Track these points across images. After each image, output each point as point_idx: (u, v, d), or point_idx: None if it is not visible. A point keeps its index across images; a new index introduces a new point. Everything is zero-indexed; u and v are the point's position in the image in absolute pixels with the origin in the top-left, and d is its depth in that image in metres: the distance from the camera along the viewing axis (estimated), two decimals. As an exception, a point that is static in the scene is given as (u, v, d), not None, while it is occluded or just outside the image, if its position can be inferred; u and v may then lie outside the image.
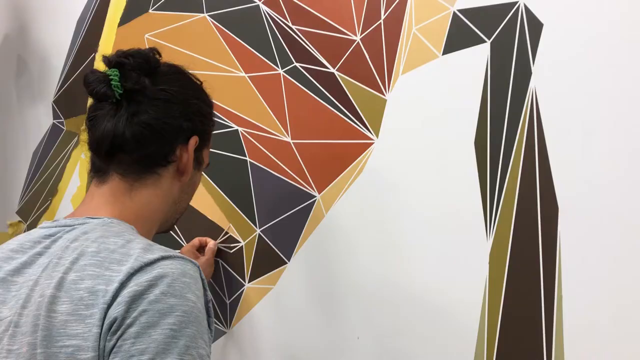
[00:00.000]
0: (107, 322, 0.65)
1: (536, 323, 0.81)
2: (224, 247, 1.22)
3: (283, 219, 1.12)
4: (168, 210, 0.84)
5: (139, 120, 0.78)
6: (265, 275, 1.15)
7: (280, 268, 1.13)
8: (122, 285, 0.66)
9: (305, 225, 1.09)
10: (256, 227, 1.16)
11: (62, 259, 0.71)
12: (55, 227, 0.77)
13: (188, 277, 0.69)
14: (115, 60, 0.79)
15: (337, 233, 1.05)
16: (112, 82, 0.77)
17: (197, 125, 0.84)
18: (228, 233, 1.21)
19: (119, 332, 0.65)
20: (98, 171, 0.81)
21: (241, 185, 1.19)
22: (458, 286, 0.89)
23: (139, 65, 0.79)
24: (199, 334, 0.67)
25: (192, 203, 1.27)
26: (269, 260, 1.14)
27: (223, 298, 1.22)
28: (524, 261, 0.83)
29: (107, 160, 0.80)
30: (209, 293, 0.73)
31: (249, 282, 1.18)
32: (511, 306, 0.84)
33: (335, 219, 1.05)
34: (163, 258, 0.69)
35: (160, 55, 0.84)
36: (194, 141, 0.83)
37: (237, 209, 1.20)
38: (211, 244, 1.20)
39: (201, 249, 1.21)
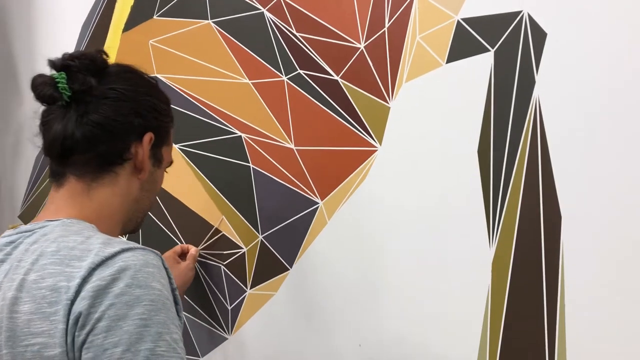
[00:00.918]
0: (72, 317, 0.66)
1: (539, 331, 0.81)
2: (215, 254, 1.22)
3: (285, 225, 1.13)
4: (130, 208, 0.85)
5: (88, 120, 0.79)
6: (267, 282, 1.15)
7: (282, 274, 1.13)
8: (84, 280, 0.67)
9: (308, 232, 1.09)
10: (258, 233, 1.16)
11: (22, 261, 0.72)
12: (17, 233, 0.78)
13: (151, 267, 0.70)
14: (61, 64, 0.80)
15: (339, 240, 1.05)
16: (59, 85, 0.78)
17: (150, 122, 0.84)
18: (221, 232, 1.21)
19: (87, 327, 0.65)
20: (55, 175, 0.82)
21: (244, 191, 1.19)
22: (461, 293, 0.89)
23: (85, 67, 0.80)
24: (169, 320, 0.68)
25: (193, 208, 1.29)
26: (271, 266, 1.14)
27: (225, 304, 1.22)
28: (526, 269, 0.83)
29: (62, 163, 0.81)
30: (173, 282, 0.73)
31: (250, 288, 1.18)
32: (514, 313, 0.84)
33: (337, 226, 1.05)
34: (124, 250, 0.70)
35: (107, 56, 0.85)
36: (148, 137, 0.84)
37: (239, 214, 1.20)
38: (192, 250, 1.21)
39: (183, 255, 1.22)
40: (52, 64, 0.81)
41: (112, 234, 0.81)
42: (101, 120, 0.79)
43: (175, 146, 1.31)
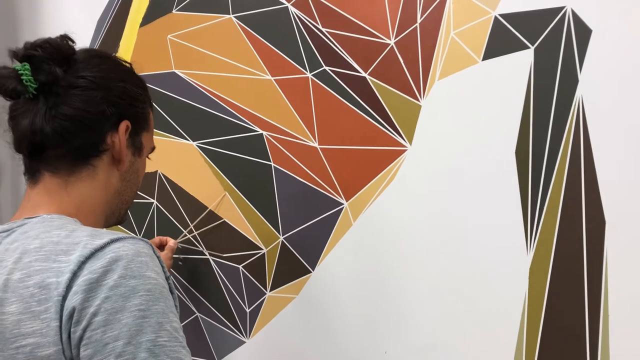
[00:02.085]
0: (65, 313, 0.63)
1: (579, 342, 0.77)
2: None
3: (308, 226, 1.09)
4: (111, 201, 0.81)
5: (57, 113, 0.74)
6: (288, 284, 1.12)
7: (304, 277, 1.09)
8: (75, 274, 0.64)
9: (332, 234, 1.05)
10: (279, 234, 1.13)
11: (3, 261, 0.69)
12: None
13: (143, 256, 0.67)
14: (23, 54, 0.75)
15: (365, 243, 1.01)
16: (24, 78, 0.73)
17: (125, 109, 0.79)
18: (221, 219, 1.17)
19: (83, 322, 0.62)
20: (29, 172, 0.78)
21: (264, 190, 1.16)
22: (495, 301, 0.85)
23: (50, 56, 0.75)
24: (168, 309, 0.65)
25: (213, 207, 1.25)
26: (292, 268, 1.11)
27: (243, 306, 1.19)
28: (566, 277, 0.79)
29: (34, 159, 0.77)
30: (166, 270, 0.70)
31: (270, 290, 1.14)
32: (552, 323, 0.80)
33: (363, 228, 1.01)
34: (113, 241, 0.66)
35: (73, 42, 0.79)
36: (124, 126, 0.79)
37: (259, 214, 1.17)
38: (171, 242, 1.19)
39: (162, 247, 1.19)
40: (14, 54, 0.75)
41: (95, 226, 0.77)
42: (71, 112, 0.75)
43: (194, 144, 1.28)
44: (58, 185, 0.76)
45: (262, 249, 1.16)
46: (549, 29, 0.82)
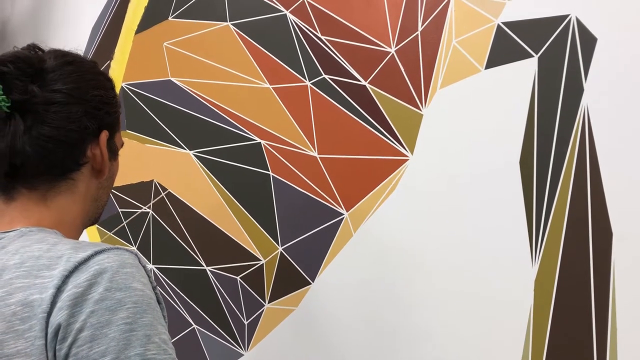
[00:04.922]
0: (50, 330, 0.61)
1: (587, 356, 0.76)
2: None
3: (307, 237, 1.07)
4: (89, 209, 0.79)
5: (38, 133, 0.71)
6: (287, 296, 1.10)
7: (303, 289, 1.07)
8: (59, 289, 0.62)
9: (332, 245, 1.04)
10: (278, 244, 1.11)
11: None
12: None
13: (129, 267, 0.64)
14: None
15: (366, 254, 0.99)
16: None
17: (103, 119, 0.77)
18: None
19: (69, 339, 0.60)
20: (3, 189, 0.74)
21: (262, 200, 1.14)
22: (500, 314, 0.83)
23: (22, 72, 0.71)
24: (156, 321, 0.63)
25: (210, 217, 1.23)
26: (292, 280, 1.09)
27: (241, 318, 1.16)
28: (573, 290, 0.77)
29: (11, 178, 0.73)
30: (153, 280, 0.68)
31: (269, 302, 1.12)
32: (559, 337, 0.79)
33: (364, 239, 1.00)
34: (97, 253, 0.64)
35: (42, 51, 0.76)
36: (104, 136, 0.77)
37: (257, 225, 1.15)
38: None
39: None
40: None
41: (75, 238, 0.76)
42: (53, 132, 0.71)
43: (190, 152, 1.26)
44: (36, 199, 0.73)
45: (260, 260, 1.14)
46: (553, 37, 0.81)
